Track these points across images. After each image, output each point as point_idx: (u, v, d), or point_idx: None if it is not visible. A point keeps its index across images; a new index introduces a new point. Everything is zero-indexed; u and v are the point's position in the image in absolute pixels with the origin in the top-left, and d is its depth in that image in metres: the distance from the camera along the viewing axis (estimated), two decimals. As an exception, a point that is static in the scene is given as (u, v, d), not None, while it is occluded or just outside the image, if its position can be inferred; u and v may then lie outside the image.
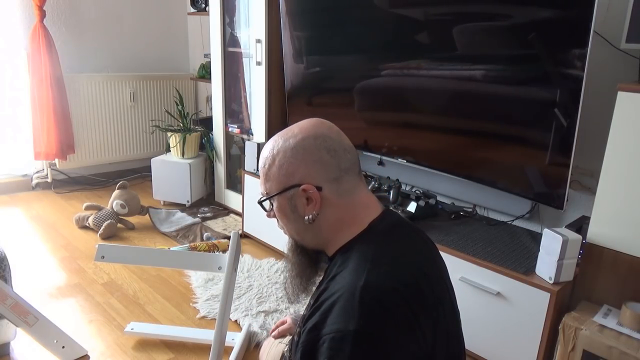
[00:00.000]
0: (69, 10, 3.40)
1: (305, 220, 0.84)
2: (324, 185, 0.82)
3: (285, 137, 0.86)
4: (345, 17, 2.32)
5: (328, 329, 0.72)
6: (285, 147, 0.84)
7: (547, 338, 1.56)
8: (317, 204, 0.83)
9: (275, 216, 0.92)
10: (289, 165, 0.83)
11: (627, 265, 1.48)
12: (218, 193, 3.36)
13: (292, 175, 0.83)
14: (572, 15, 1.55)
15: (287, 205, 0.86)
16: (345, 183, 0.84)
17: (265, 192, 0.89)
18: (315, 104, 2.67)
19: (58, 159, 3.40)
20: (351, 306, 0.71)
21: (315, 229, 0.85)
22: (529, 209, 2.04)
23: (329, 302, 0.74)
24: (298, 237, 0.90)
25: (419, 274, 0.80)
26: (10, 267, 1.68)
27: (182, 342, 1.88)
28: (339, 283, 0.77)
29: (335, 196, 0.83)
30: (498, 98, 1.83)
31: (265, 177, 0.88)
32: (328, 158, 0.83)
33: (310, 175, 0.82)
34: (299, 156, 0.83)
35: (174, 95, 3.79)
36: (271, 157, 0.86)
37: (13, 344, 1.79)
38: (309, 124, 0.87)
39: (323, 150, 0.83)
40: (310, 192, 0.82)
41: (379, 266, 0.76)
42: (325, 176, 0.82)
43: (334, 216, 0.84)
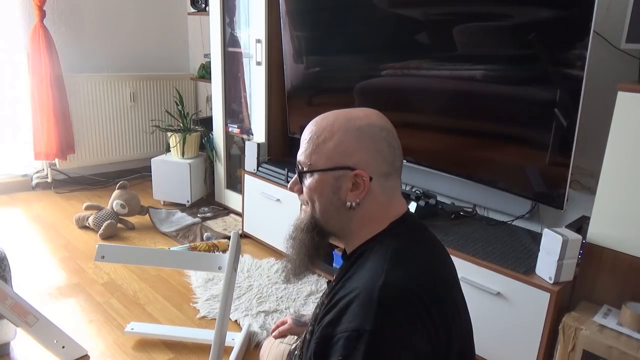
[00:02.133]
0: (69, 10, 3.40)
1: (346, 205, 0.81)
2: (375, 177, 0.80)
3: (349, 116, 0.81)
4: (345, 17, 2.32)
5: (343, 327, 0.71)
6: (349, 126, 0.80)
7: (547, 338, 1.56)
8: (364, 192, 0.80)
9: (300, 190, 0.87)
10: (348, 145, 0.79)
11: (627, 265, 1.48)
12: (218, 193, 3.36)
13: (349, 156, 0.79)
14: (572, 15, 1.55)
15: (331, 184, 0.81)
16: (391, 181, 0.83)
17: (309, 163, 0.82)
18: (315, 104, 2.67)
19: (58, 159, 3.40)
20: (368, 305, 0.70)
21: (346, 216, 0.82)
22: (529, 209, 2.04)
23: (346, 301, 0.73)
24: (323, 217, 0.85)
25: (436, 277, 0.80)
26: (10, 267, 1.68)
27: (182, 342, 1.88)
28: (355, 282, 0.76)
29: (380, 191, 0.81)
30: (498, 98, 1.83)
31: (316, 148, 0.81)
32: (387, 152, 0.81)
33: (366, 162, 0.79)
34: (362, 140, 0.79)
35: (174, 95, 3.79)
36: (330, 131, 0.80)
37: (13, 344, 1.79)
38: (374, 113, 0.84)
39: (385, 143, 0.80)
40: (362, 179, 0.79)
41: (397, 267, 0.75)
42: (379, 168, 0.80)
43: (370, 210, 0.82)
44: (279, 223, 2.62)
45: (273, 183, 2.62)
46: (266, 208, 2.69)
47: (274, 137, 2.88)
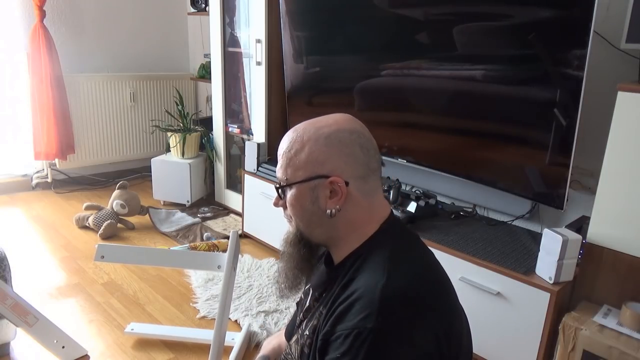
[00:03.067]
0: (69, 10, 3.40)
1: (327, 213, 0.81)
2: (351, 181, 0.80)
3: (317, 125, 0.82)
4: (345, 17, 2.32)
5: (344, 325, 0.72)
6: (318, 135, 0.80)
7: (547, 338, 1.56)
8: (342, 198, 0.80)
9: (284, 205, 0.87)
10: (319, 154, 0.80)
11: (627, 265, 1.48)
12: (218, 193, 3.36)
13: (321, 164, 0.80)
14: (572, 15, 1.55)
15: (308, 195, 0.82)
16: (370, 183, 0.82)
17: (285, 178, 0.84)
18: (315, 104, 2.67)
19: (58, 159, 3.40)
20: (371, 305, 0.71)
21: (330, 224, 0.83)
22: (529, 209, 2.04)
23: (348, 302, 0.74)
24: (307, 229, 0.86)
25: (435, 277, 0.81)
26: (10, 267, 1.68)
27: (182, 342, 1.88)
28: (356, 285, 0.76)
29: (359, 194, 0.81)
30: (498, 98, 1.83)
31: (289, 162, 0.82)
32: (360, 155, 0.80)
33: (340, 168, 0.79)
34: (332, 146, 0.79)
35: (174, 95, 3.79)
36: (300, 142, 0.81)
37: (13, 344, 1.79)
38: (342, 118, 0.84)
39: (357, 145, 0.80)
40: (338, 185, 0.79)
41: (399, 267, 0.76)
42: (354, 172, 0.80)
43: (352, 214, 0.82)
44: (279, 223, 2.61)
45: (273, 183, 2.61)
46: (266, 208, 2.69)
47: (274, 137, 2.88)
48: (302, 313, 0.94)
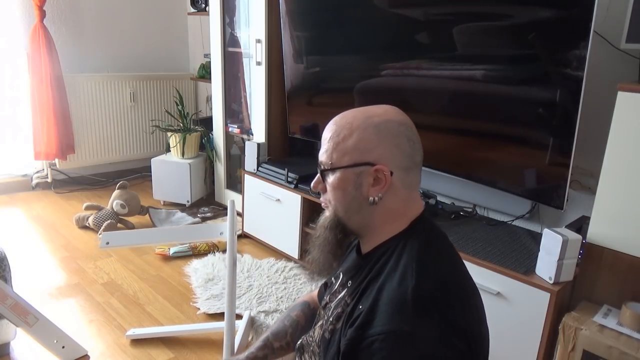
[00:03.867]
0: (69, 10, 3.40)
1: (368, 200, 0.82)
2: (395, 172, 0.81)
3: (367, 114, 0.83)
4: (345, 17, 2.32)
5: (377, 329, 0.71)
6: (368, 123, 0.82)
7: (547, 338, 1.56)
8: (385, 186, 0.81)
9: (324, 189, 0.88)
10: (368, 142, 0.81)
11: (627, 265, 1.48)
12: (218, 193, 3.36)
13: (368, 152, 0.81)
14: (572, 15, 1.55)
15: (352, 180, 0.82)
16: (412, 176, 0.83)
17: (330, 162, 0.84)
18: (315, 104, 2.67)
19: (58, 159, 3.41)
20: (402, 307, 0.71)
21: (369, 212, 0.83)
22: (529, 209, 2.04)
23: (377, 303, 0.73)
24: (345, 214, 0.86)
25: (463, 277, 0.81)
26: (10, 267, 1.68)
27: (182, 342, 1.88)
28: (383, 283, 0.76)
29: (401, 185, 0.82)
30: (498, 98, 1.83)
31: (335, 146, 0.83)
32: (407, 146, 0.82)
33: (386, 157, 0.81)
34: (381, 135, 0.81)
35: (174, 95, 3.79)
36: (349, 129, 0.82)
37: (13, 344, 1.79)
38: (392, 109, 0.85)
39: (404, 137, 0.82)
40: (383, 174, 0.80)
41: (427, 268, 0.76)
42: (399, 163, 0.81)
43: (392, 205, 0.83)
44: (279, 223, 2.62)
45: (273, 183, 2.62)
46: (266, 208, 2.69)
47: (274, 137, 2.88)
48: (330, 295, 0.94)
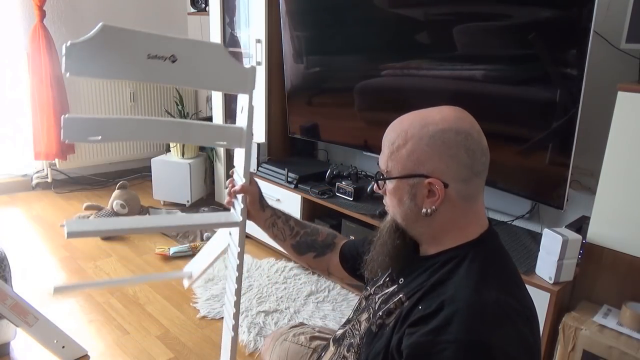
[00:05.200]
0: (69, 10, 3.40)
1: (422, 212, 0.80)
2: (451, 184, 0.78)
3: (423, 121, 0.80)
4: (345, 17, 2.32)
5: (452, 336, 0.69)
6: (422, 133, 0.78)
7: (547, 338, 1.56)
8: (440, 200, 0.78)
9: (384, 193, 0.87)
10: (421, 153, 0.78)
11: (627, 265, 1.48)
12: (218, 193, 3.36)
13: (422, 163, 0.78)
14: (572, 15, 1.55)
15: (406, 190, 0.81)
16: (472, 186, 0.80)
17: (386, 170, 0.83)
18: (315, 104, 2.67)
19: (58, 159, 3.41)
20: (479, 317, 0.70)
21: (426, 223, 0.81)
22: (529, 209, 2.04)
23: (450, 309, 0.72)
24: (404, 222, 0.85)
25: (531, 300, 0.81)
26: (10, 267, 1.68)
27: (182, 342, 1.88)
28: (454, 290, 0.75)
29: (458, 197, 0.79)
30: (498, 98, 1.83)
31: (391, 155, 0.81)
32: (465, 157, 0.77)
33: (441, 169, 0.77)
34: (435, 147, 0.77)
35: (174, 95, 3.79)
36: (403, 138, 0.80)
37: (13, 344, 1.79)
38: (452, 113, 0.81)
39: (462, 148, 0.77)
40: (435, 187, 0.78)
41: (503, 282, 0.76)
42: (455, 175, 0.78)
43: (449, 216, 0.80)
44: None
45: (273, 183, 2.62)
46: (266, 208, 2.69)
47: (274, 137, 2.88)
48: (375, 287, 0.93)
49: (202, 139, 1.42)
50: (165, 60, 1.19)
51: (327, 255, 1.19)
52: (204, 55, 1.27)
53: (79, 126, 1.19)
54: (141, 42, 1.16)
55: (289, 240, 1.22)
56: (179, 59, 1.21)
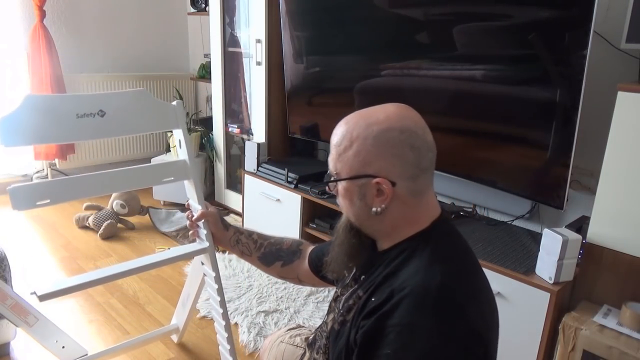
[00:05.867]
0: (69, 10, 3.40)
1: (372, 211, 0.81)
2: (399, 182, 0.79)
3: (368, 121, 0.80)
4: (345, 17, 2.31)
5: (397, 320, 0.71)
6: (367, 133, 0.79)
7: (547, 338, 1.56)
8: (388, 198, 0.79)
9: (336, 193, 0.88)
10: (367, 154, 0.79)
11: (627, 265, 1.48)
12: (218, 193, 3.36)
13: (368, 164, 0.79)
14: (572, 15, 1.55)
15: (356, 191, 0.82)
16: (420, 182, 0.81)
17: (335, 172, 0.84)
18: (315, 104, 2.67)
19: (58, 159, 3.41)
20: (425, 303, 0.71)
21: (377, 220, 0.83)
22: (529, 209, 2.04)
23: (398, 296, 0.73)
24: (357, 221, 0.87)
25: (483, 280, 0.82)
26: (10, 267, 1.68)
27: (182, 342, 1.88)
28: (405, 278, 0.76)
29: (407, 194, 0.80)
30: (498, 98, 1.83)
31: (338, 156, 0.82)
32: (410, 155, 0.78)
33: (387, 169, 0.78)
34: (380, 147, 0.78)
35: (174, 95, 3.79)
36: (349, 139, 0.80)
37: (13, 344, 1.79)
38: (396, 112, 0.81)
39: (407, 146, 0.78)
40: (383, 186, 0.79)
41: (451, 268, 0.76)
42: (402, 173, 0.79)
43: (400, 213, 0.81)
44: (279, 223, 2.62)
45: (273, 183, 2.62)
46: (266, 208, 2.69)
47: (274, 137, 2.88)
48: (341, 288, 0.95)
49: (148, 181, 1.50)
50: (94, 116, 1.25)
51: (295, 262, 1.20)
52: (130, 102, 1.33)
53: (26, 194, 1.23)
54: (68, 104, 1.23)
55: (254, 254, 1.24)
56: (107, 112, 1.27)
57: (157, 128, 1.40)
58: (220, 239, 1.30)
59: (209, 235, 1.36)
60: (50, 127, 1.21)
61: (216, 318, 1.53)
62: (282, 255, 1.22)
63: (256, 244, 1.24)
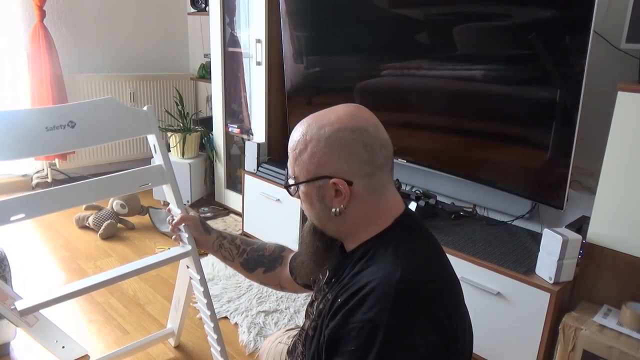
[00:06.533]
0: (69, 10, 3.40)
1: (332, 212, 0.82)
2: (355, 181, 0.80)
3: (320, 123, 0.81)
4: (345, 17, 2.31)
5: (358, 317, 0.72)
6: (319, 135, 0.80)
7: (547, 338, 1.56)
8: (346, 198, 0.80)
9: (299, 197, 0.89)
10: (321, 155, 0.80)
11: (627, 265, 1.48)
12: (218, 193, 3.36)
13: (323, 165, 0.80)
14: (572, 15, 1.55)
15: (314, 193, 0.83)
16: (377, 180, 0.81)
17: (293, 176, 0.86)
18: (315, 104, 2.67)
19: (58, 159, 3.40)
20: (386, 298, 0.71)
21: (339, 221, 0.83)
22: (529, 209, 2.04)
23: (361, 294, 0.74)
24: (319, 224, 0.88)
25: (446, 273, 0.82)
26: (10, 267, 1.68)
27: (182, 342, 1.88)
28: (368, 276, 0.76)
29: (365, 192, 0.81)
30: (498, 98, 1.83)
31: (295, 160, 0.84)
32: (363, 153, 0.79)
33: (342, 169, 0.79)
34: (333, 147, 0.79)
35: (174, 95, 3.79)
36: (303, 142, 0.82)
37: (13, 344, 1.79)
38: (346, 112, 0.82)
39: (359, 144, 0.79)
40: (340, 187, 0.79)
41: (412, 262, 0.76)
42: (357, 171, 0.79)
43: (360, 212, 0.82)
44: (279, 223, 2.62)
45: (273, 183, 2.62)
46: (266, 208, 2.69)
47: (274, 137, 2.88)
48: (316, 292, 0.95)
49: (126, 188, 1.49)
50: (64, 127, 1.25)
51: (276, 269, 1.21)
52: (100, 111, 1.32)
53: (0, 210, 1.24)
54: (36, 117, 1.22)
55: (237, 259, 1.24)
56: (77, 122, 1.26)
57: (129, 135, 1.40)
58: (202, 243, 1.31)
59: (191, 239, 1.37)
60: (20, 142, 1.21)
61: (205, 320, 1.54)
62: (264, 262, 1.22)
63: (239, 249, 1.24)
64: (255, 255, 1.23)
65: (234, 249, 1.24)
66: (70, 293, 1.28)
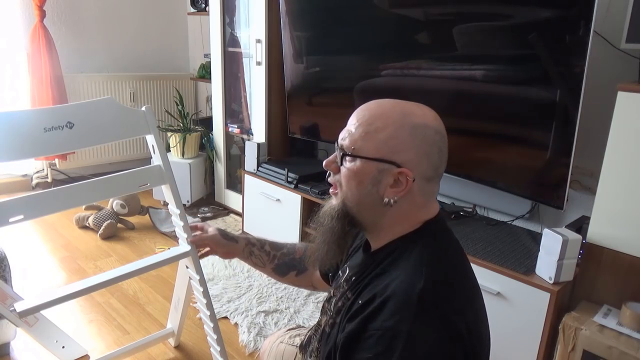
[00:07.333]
0: (69, 10, 3.40)
1: (384, 201, 0.78)
2: (418, 179, 0.78)
3: (406, 110, 0.79)
4: (345, 17, 2.31)
5: (378, 324, 0.71)
6: (405, 122, 0.77)
7: (547, 338, 1.56)
8: (404, 191, 0.77)
9: (336, 170, 0.83)
10: (401, 142, 0.76)
11: (627, 265, 1.48)
12: (218, 193, 3.37)
13: (398, 152, 0.76)
14: (572, 15, 1.55)
15: (372, 174, 0.78)
16: (432, 186, 0.81)
17: (352, 147, 0.79)
18: (315, 104, 2.67)
19: (58, 158, 3.40)
20: (407, 306, 0.70)
21: (381, 212, 0.80)
22: (529, 209, 2.04)
23: (381, 299, 0.72)
24: (356, 207, 0.81)
25: (470, 283, 0.81)
26: (10, 267, 1.68)
27: (182, 342, 1.88)
28: (389, 280, 0.75)
29: (419, 193, 0.79)
30: (498, 98, 1.83)
31: (365, 135, 0.78)
32: (436, 157, 0.79)
33: (414, 162, 0.77)
34: (415, 139, 0.77)
35: (174, 95, 3.79)
36: (383, 122, 0.77)
37: (13, 344, 1.79)
38: (431, 113, 0.80)
39: (436, 147, 0.78)
40: (405, 178, 0.77)
41: (437, 270, 0.75)
42: (424, 171, 0.78)
43: (405, 209, 0.80)
44: (279, 223, 2.62)
45: (273, 183, 2.62)
46: (266, 208, 2.69)
47: (274, 137, 2.88)
48: (334, 289, 0.94)
49: (126, 188, 1.48)
50: (62, 128, 1.24)
51: (309, 271, 1.20)
52: (98, 112, 1.32)
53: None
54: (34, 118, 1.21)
55: (268, 265, 1.24)
56: (75, 123, 1.26)
57: (128, 135, 1.39)
58: (232, 253, 1.27)
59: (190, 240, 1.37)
60: (18, 144, 1.21)
61: (205, 320, 1.54)
62: (295, 265, 1.21)
63: (269, 255, 1.23)
64: (286, 259, 1.22)
65: (265, 256, 1.23)
66: (70, 294, 1.28)
